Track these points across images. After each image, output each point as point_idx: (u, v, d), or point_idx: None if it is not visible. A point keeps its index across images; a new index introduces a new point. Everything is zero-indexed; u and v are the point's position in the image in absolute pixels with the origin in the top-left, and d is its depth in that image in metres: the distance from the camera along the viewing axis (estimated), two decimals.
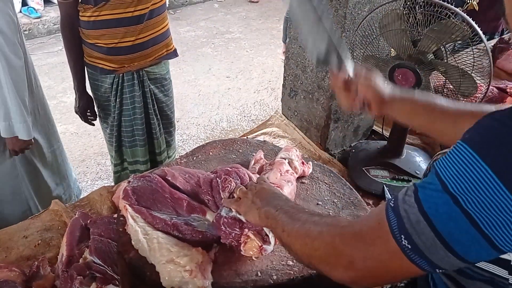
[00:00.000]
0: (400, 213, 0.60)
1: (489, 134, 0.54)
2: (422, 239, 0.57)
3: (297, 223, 0.79)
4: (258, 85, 4.64)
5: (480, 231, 0.53)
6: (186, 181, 1.23)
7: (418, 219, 0.57)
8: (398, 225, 0.59)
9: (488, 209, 0.52)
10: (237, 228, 1.04)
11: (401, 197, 0.62)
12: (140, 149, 2.17)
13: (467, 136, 0.56)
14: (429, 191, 0.58)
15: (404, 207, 0.60)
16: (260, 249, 1.03)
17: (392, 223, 0.60)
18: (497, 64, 2.49)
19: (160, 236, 1.06)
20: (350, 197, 1.31)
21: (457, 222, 0.54)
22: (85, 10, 1.83)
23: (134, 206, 1.12)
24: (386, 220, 0.61)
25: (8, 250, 1.36)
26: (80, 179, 3.21)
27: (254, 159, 1.39)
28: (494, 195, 0.51)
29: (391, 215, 0.61)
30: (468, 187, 0.53)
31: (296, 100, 1.97)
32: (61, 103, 4.12)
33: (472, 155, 0.54)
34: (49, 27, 5.57)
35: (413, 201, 0.59)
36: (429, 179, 0.59)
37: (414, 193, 0.59)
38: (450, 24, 1.29)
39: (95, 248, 1.23)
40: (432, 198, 0.57)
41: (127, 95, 2.02)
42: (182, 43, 5.45)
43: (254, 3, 7.11)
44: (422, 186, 0.60)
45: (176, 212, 1.14)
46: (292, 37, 1.85)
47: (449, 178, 0.55)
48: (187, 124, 3.93)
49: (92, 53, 1.94)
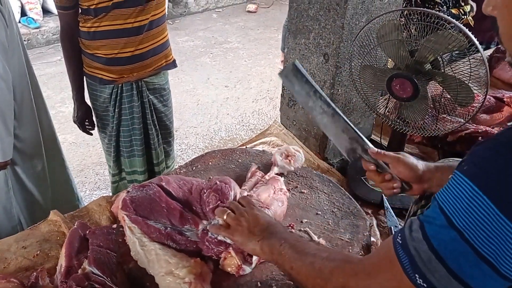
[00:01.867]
0: (411, 251, 0.60)
1: (486, 166, 0.55)
2: (436, 277, 0.57)
3: (306, 259, 0.79)
4: (257, 95, 4.65)
5: (490, 265, 0.54)
6: (179, 187, 1.22)
7: (430, 257, 0.58)
8: (411, 264, 0.60)
9: (493, 241, 0.53)
10: (221, 247, 1.04)
11: (408, 233, 0.62)
12: (138, 159, 2.17)
13: (465, 168, 0.57)
14: (436, 227, 0.59)
15: (413, 245, 0.60)
16: (239, 267, 1.02)
17: (404, 261, 0.61)
18: (493, 74, 2.51)
19: (158, 248, 1.06)
20: (350, 206, 1.32)
21: (467, 258, 0.55)
22: (85, 21, 1.84)
23: (131, 216, 1.12)
24: (396, 259, 0.62)
25: (7, 261, 1.35)
26: (79, 189, 3.19)
27: (250, 172, 1.39)
28: (497, 227, 0.52)
29: (401, 253, 0.62)
30: (472, 221, 0.54)
31: (294, 109, 1.98)
32: (60, 113, 4.12)
33: (472, 188, 0.54)
34: (48, 37, 5.59)
35: (422, 238, 0.59)
36: (433, 214, 0.60)
37: (421, 229, 0.60)
38: (447, 34, 1.30)
39: (94, 258, 1.22)
40: (440, 234, 0.58)
41: (125, 105, 2.02)
42: (180, 53, 5.47)
43: (252, 13, 7.16)
44: (428, 221, 0.60)
45: (171, 222, 1.14)
46: (290, 47, 1.86)
47: (453, 213, 0.56)
48: (185, 134, 3.93)
49: (91, 63, 1.95)
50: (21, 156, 1.94)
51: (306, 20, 1.72)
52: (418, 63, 1.43)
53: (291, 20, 1.80)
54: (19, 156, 1.93)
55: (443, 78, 1.44)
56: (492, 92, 2.19)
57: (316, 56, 1.74)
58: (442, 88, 1.50)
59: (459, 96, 1.44)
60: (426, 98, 1.47)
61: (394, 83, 1.49)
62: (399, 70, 1.48)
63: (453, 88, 1.43)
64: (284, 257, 0.83)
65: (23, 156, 1.95)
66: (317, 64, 1.75)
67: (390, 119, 1.61)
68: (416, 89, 1.45)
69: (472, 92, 1.41)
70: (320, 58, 1.73)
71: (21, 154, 1.94)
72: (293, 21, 1.79)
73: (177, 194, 1.19)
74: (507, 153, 0.52)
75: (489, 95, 2.13)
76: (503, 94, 2.16)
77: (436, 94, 1.57)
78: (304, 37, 1.76)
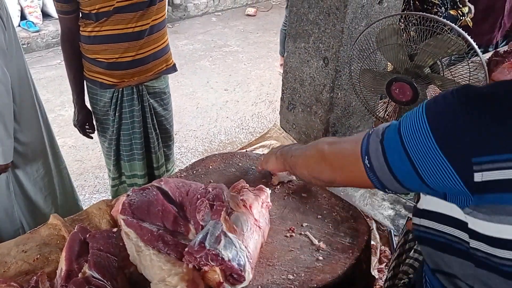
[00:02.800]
0: (370, 140, 0.79)
1: (439, 105, 0.68)
2: (377, 162, 0.77)
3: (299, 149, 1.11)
4: (256, 98, 4.66)
5: (412, 165, 0.69)
6: (177, 187, 1.21)
7: (377, 147, 0.76)
8: (365, 148, 0.80)
9: (421, 152, 0.68)
10: (213, 262, 1.00)
11: (376, 130, 0.80)
12: (139, 163, 2.17)
13: (428, 103, 0.71)
14: (390, 130, 0.75)
15: (373, 137, 0.79)
16: (219, 283, 1.00)
17: (364, 146, 0.80)
18: (492, 77, 2.51)
19: (152, 253, 1.05)
20: (349, 210, 1.31)
21: (400, 155, 0.71)
22: (86, 25, 1.85)
23: (127, 221, 1.11)
24: (360, 142, 0.82)
25: (7, 265, 1.35)
26: (78, 192, 3.18)
27: (236, 188, 1.34)
28: (426, 142, 0.66)
29: (364, 140, 0.81)
30: (411, 132, 0.69)
31: (294, 113, 1.99)
32: (59, 117, 4.12)
33: (423, 115, 0.68)
34: (47, 41, 5.60)
35: (380, 134, 0.77)
36: (395, 122, 0.77)
37: (383, 129, 0.78)
38: (446, 38, 1.31)
39: (94, 262, 1.22)
40: (389, 135, 0.75)
41: (126, 110, 2.03)
42: (180, 57, 5.48)
43: (251, 17, 7.18)
44: (389, 126, 0.77)
45: (164, 225, 1.13)
46: (290, 51, 1.87)
47: (403, 123, 0.72)
48: (185, 137, 3.94)
49: (92, 68, 1.95)
50: (23, 160, 1.94)
51: (306, 24, 1.73)
52: (418, 67, 1.44)
53: (291, 24, 1.81)
54: (21, 160, 1.93)
55: (442, 82, 1.44)
56: None
57: (315, 60, 1.75)
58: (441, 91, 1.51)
59: None
60: None
61: (394, 86, 1.50)
62: (398, 74, 1.49)
63: None
64: (288, 153, 1.16)
65: (25, 159, 1.95)
66: (317, 68, 1.76)
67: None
68: (416, 93, 1.45)
69: None
70: (319, 62, 1.74)
71: (23, 157, 1.94)
72: (293, 25, 1.80)
73: (174, 195, 1.19)
74: (461, 111, 0.64)
75: None
76: None
77: None
78: (304, 41, 1.77)
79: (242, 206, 1.14)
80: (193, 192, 1.18)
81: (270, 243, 1.18)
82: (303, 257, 1.14)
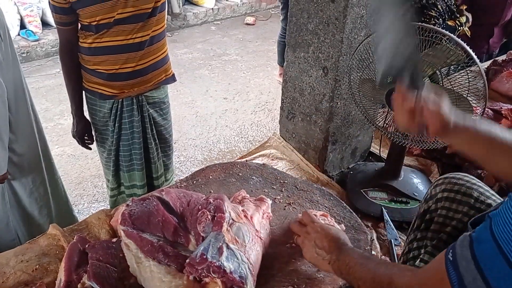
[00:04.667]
0: (460, 270, 0.64)
1: None
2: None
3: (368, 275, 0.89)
4: (255, 107, 4.67)
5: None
6: (178, 198, 1.21)
7: (475, 277, 0.61)
8: (459, 283, 0.64)
9: None
10: (215, 274, 0.99)
11: (459, 251, 0.66)
12: (138, 173, 2.16)
13: None
14: (484, 246, 0.62)
15: (462, 264, 0.64)
16: None
17: (453, 279, 0.65)
18: (491, 86, 2.52)
19: (152, 264, 1.04)
20: (351, 220, 1.32)
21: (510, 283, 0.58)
22: (86, 37, 1.85)
23: (127, 231, 1.11)
24: (447, 276, 0.67)
25: (5, 275, 1.34)
26: (77, 201, 3.19)
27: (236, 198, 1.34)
28: None
29: (451, 270, 0.66)
30: None
31: (294, 122, 1.99)
32: (58, 125, 4.12)
33: None
34: (47, 50, 5.61)
35: (470, 257, 0.63)
36: (483, 235, 0.63)
37: (470, 248, 0.64)
38: (445, 49, 1.31)
39: (94, 273, 1.22)
40: (487, 256, 0.61)
41: (126, 120, 2.02)
42: (179, 65, 5.50)
43: (250, 26, 7.21)
44: (478, 241, 0.63)
45: (164, 236, 1.13)
46: (290, 61, 1.88)
47: (503, 239, 0.59)
48: (184, 146, 3.93)
49: (91, 79, 1.95)
50: (19, 170, 1.93)
51: (305, 34, 1.73)
52: None
53: (290, 34, 1.81)
54: (17, 170, 1.92)
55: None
56: (490, 104, 2.20)
57: (315, 69, 1.76)
58: None
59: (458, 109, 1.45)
60: None
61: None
62: None
63: (452, 101, 1.44)
64: (351, 276, 0.94)
65: (21, 170, 1.94)
66: (316, 78, 1.77)
67: (389, 131, 1.62)
68: None
69: (470, 106, 1.42)
70: (319, 71, 1.74)
71: (19, 168, 1.93)
72: (292, 35, 1.81)
73: (175, 205, 1.18)
74: None
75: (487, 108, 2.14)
76: (500, 107, 2.17)
77: None
78: (304, 50, 1.77)
79: (243, 217, 1.14)
80: (194, 202, 1.18)
81: (271, 253, 1.18)
82: (304, 268, 1.14)
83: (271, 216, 1.26)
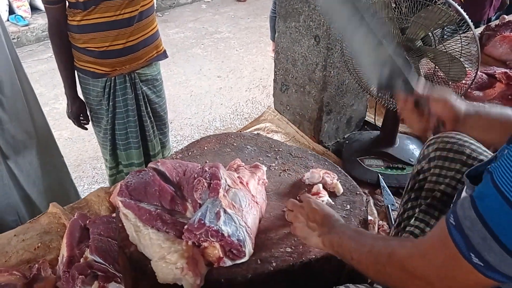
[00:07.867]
0: (465, 231, 0.61)
1: None
2: (492, 256, 0.58)
3: (363, 249, 0.84)
4: (250, 84, 4.64)
5: None
6: (174, 168, 1.21)
7: (485, 236, 0.58)
8: (466, 244, 0.61)
9: None
10: (213, 238, 1.00)
11: (461, 212, 0.63)
12: (135, 151, 2.17)
13: None
14: (488, 201, 0.59)
15: (467, 225, 0.61)
16: (219, 259, 1.01)
17: (459, 242, 0.62)
18: (485, 51, 2.52)
19: (151, 232, 1.06)
20: (345, 183, 1.33)
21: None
22: (74, 15, 1.83)
23: (125, 202, 1.12)
24: (451, 240, 0.63)
25: (8, 255, 1.36)
26: (77, 183, 3.19)
27: (232, 166, 1.34)
28: None
29: (455, 234, 0.63)
30: None
31: (288, 94, 1.99)
32: (54, 110, 4.10)
33: None
34: (37, 34, 5.54)
35: (475, 216, 0.60)
36: (486, 189, 0.60)
37: (473, 207, 0.60)
38: (437, 10, 1.30)
39: (96, 247, 1.24)
40: (493, 210, 0.58)
41: (119, 98, 2.02)
42: (171, 45, 5.44)
43: (241, 2, 7.11)
44: (480, 197, 0.61)
45: (162, 204, 1.14)
46: (281, 31, 1.87)
47: (509, 188, 0.56)
48: (180, 125, 3.93)
49: (82, 57, 1.93)
50: (13, 151, 1.94)
51: (295, 3, 1.72)
52: (409, 40, 1.44)
53: (281, 3, 1.80)
54: (11, 150, 1.93)
55: (434, 54, 1.45)
56: (483, 69, 2.20)
57: (307, 38, 1.75)
58: (434, 65, 1.51)
59: (451, 72, 1.45)
60: (418, 75, 1.48)
61: None
62: None
63: (445, 64, 1.44)
64: (344, 249, 0.90)
65: (15, 151, 1.95)
66: (308, 47, 1.76)
67: (383, 98, 1.62)
68: None
69: (464, 68, 1.42)
70: (311, 40, 1.73)
71: (13, 148, 1.94)
72: (282, 5, 1.79)
73: (171, 175, 1.19)
74: None
75: (481, 72, 2.14)
76: (494, 71, 2.17)
77: (428, 72, 1.58)
78: (294, 20, 1.76)
79: (239, 183, 1.15)
80: (190, 172, 1.19)
81: (268, 218, 1.19)
82: None
83: (266, 182, 1.27)
